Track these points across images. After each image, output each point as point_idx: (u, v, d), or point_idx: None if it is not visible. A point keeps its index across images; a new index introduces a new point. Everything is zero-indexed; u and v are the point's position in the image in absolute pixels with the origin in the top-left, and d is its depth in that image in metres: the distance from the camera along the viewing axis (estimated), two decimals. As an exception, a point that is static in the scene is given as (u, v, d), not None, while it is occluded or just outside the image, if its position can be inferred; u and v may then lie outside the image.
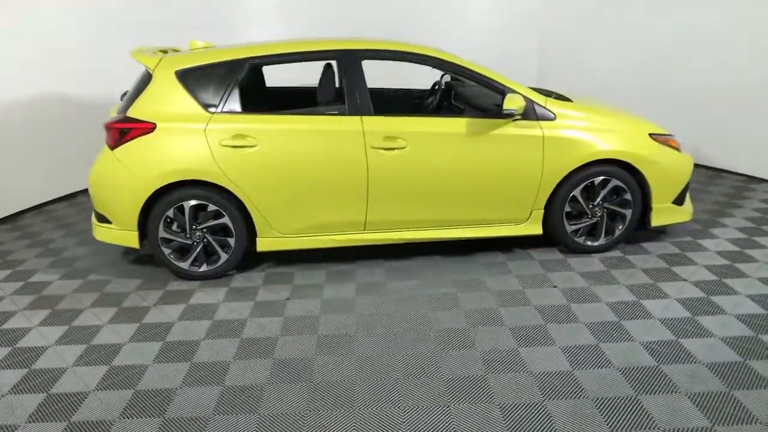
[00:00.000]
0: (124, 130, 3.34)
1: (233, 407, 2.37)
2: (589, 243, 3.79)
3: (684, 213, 3.87)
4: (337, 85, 3.87)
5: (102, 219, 3.52)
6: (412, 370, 2.59)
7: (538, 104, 3.56)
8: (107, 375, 2.61)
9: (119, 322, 3.10)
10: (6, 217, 4.86)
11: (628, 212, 3.74)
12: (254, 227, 3.52)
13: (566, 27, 6.80)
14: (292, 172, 3.40)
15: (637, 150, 3.60)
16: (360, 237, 3.62)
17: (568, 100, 3.85)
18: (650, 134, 3.69)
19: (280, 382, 2.53)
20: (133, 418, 2.31)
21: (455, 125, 3.48)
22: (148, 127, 3.33)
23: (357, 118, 3.43)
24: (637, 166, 3.61)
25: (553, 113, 3.58)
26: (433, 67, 3.57)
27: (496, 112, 3.47)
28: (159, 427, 2.25)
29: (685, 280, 3.41)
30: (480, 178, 3.54)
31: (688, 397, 2.33)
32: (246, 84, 3.52)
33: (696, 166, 5.90)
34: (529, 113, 3.53)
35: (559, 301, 3.18)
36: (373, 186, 3.47)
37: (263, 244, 3.56)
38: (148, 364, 2.70)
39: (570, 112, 3.62)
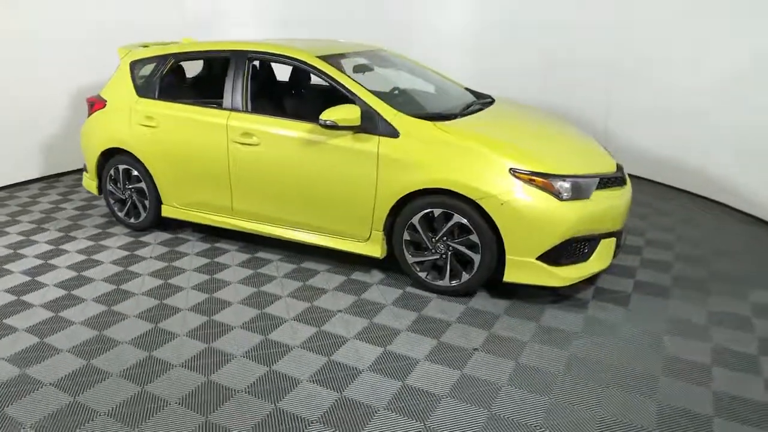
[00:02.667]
0: (91, 103, 4.41)
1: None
2: (428, 280, 3.35)
3: (552, 276, 3.04)
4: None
5: (85, 169, 4.71)
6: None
7: (384, 119, 3.29)
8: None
9: (61, 243, 4.23)
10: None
11: (476, 257, 3.16)
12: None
13: (640, 36, 5.36)
14: (179, 153, 3.96)
15: (478, 184, 3.02)
16: (229, 221, 3.97)
17: (474, 111, 3.57)
18: (511, 169, 3.02)
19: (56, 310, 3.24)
20: None
21: (301, 129, 3.50)
22: (102, 104, 4.32)
23: (226, 112, 3.77)
24: (482, 204, 3.03)
25: (399, 131, 3.26)
26: (303, 69, 3.64)
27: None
28: None
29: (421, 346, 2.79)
30: (318, 185, 3.50)
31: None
32: (170, 75, 4.18)
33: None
34: (371, 127, 3.31)
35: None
36: (233, 176, 3.78)
37: (165, 211, 4.23)
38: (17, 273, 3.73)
39: (418, 131, 3.23)
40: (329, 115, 3.24)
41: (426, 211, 3.20)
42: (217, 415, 2.36)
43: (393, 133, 3.27)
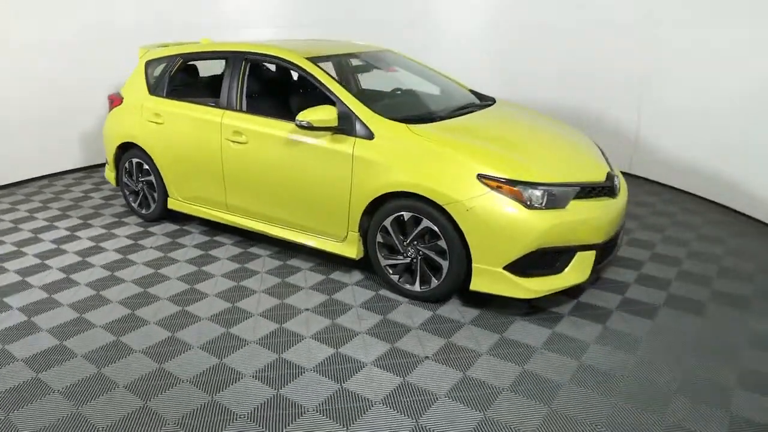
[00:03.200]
0: (111, 100, 4.68)
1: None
2: (400, 284, 3.31)
3: (518, 287, 2.92)
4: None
5: (107, 161, 5.00)
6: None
7: (361, 120, 3.28)
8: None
9: (79, 228, 4.54)
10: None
11: (445, 264, 3.09)
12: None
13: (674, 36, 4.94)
14: (181, 149, 4.13)
15: (444, 189, 2.94)
16: (223, 216, 4.10)
17: (465, 113, 3.61)
18: (479, 175, 2.92)
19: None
20: None
21: (285, 129, 3.55)
22: (120, 101, 4.58)
23: (221, 111, 3.89)
24: (448, 210, 2.96)
25: (373, 132, 3.24)
26: (292, 70, 3.70)
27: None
28: None
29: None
30: (298, 184, 3.55)
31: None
32: (178, 74, 4.36)
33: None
34: (349, 129, 3.31)
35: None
36: (226, 173, 3.90)
37: (171, 203, 4.42)
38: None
39: (391, 133, 3.20)
40: (305, 115, 3.27)
41: (397, 214, 3.17)
42: (157, 400, 2.46)
43: (369, 135, 3.26)
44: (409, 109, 3.73)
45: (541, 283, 2.95)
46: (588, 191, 3.10)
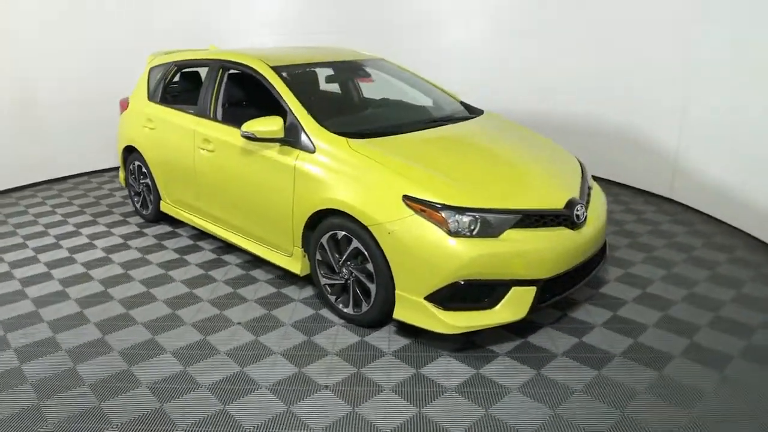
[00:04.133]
0: (122, 104, 4.94)
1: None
2: (337, 304, 3.16)
3: (436, 321, 2.68)
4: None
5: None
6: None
7: (306, 132, 3.18)
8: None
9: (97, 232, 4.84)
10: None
11: (373, 288, 2.91)
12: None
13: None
14: (166, 154, 4.27)
15: (369, 209, 2.78)
16: (198, 222, 4.17)
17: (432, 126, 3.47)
18: (405, 196, 2.72)
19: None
20: None
21: (239, 138, 3.52)
22: (126, 106, 4.82)
23: (196, 118, 3.96)
24: (372, 231, 2.79)
25: (314, 145, 3.13)
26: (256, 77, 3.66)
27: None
28: None
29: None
30: (251, 195, 3.53)
31: None
32: (173, 80, 4.50)
33: None
34: (295, 140, 3.23)
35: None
36: (198, 179, 3.96)
37: (163, 206, 4.58)
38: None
39: (330, 147, 3.07)
40: (249, 126, 3.24)
41: (333, 231, 3.04)
42: (48, 403, 2.51)
43: (311, 148, 3.16)
44: (371, 122, 3.60)
45: (464, 319, 2.68)
46: (535, 219, 2.78)
